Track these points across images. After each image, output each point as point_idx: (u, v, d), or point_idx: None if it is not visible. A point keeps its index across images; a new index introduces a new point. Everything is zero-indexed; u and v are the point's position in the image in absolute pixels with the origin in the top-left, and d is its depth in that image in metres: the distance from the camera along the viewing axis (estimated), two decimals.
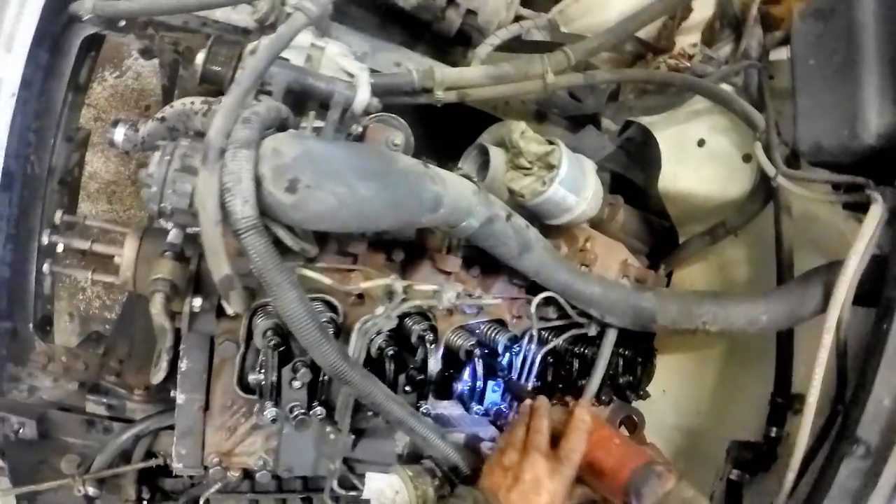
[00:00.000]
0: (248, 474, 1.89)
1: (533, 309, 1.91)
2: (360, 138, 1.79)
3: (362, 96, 1.69)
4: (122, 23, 2.06)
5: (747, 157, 2.18)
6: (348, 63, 1.79)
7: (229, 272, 1.38)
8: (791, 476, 1.73)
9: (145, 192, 1.47)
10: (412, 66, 2.06)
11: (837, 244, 2.03)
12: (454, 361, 1.89)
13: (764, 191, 2.11)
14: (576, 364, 2.08)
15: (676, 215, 2.40)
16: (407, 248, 1.85)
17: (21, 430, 2.01)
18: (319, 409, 1.71)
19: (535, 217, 1.91)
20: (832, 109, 1.72)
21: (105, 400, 2.11)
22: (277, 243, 1.44)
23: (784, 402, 2.05)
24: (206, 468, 1.83)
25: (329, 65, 1.76)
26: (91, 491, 2.03)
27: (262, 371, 1.65)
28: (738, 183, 2.20)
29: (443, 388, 1.92)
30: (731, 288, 2.33)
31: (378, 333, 1.73)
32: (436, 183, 1.58)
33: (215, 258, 1.36)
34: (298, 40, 1.67)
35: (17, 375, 2.12)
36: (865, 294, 1.76)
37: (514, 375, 1.93)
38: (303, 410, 1.68)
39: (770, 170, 1.92)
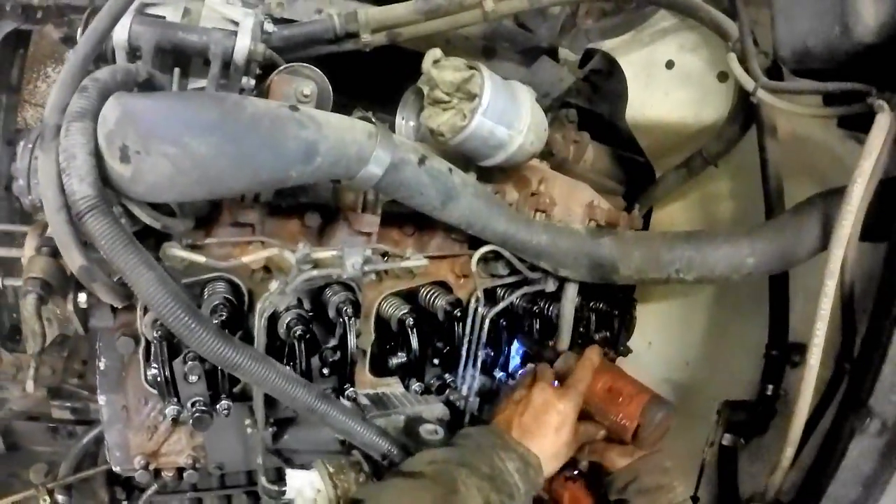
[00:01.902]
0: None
1: (473, 266, 1.44)
2: (264, 93, 1.39)
3: (241, 44, 1.27)
4: (39, 14, 1.70)
5: (723, 76, 1.65)
6: (232, 11, 1.34)
7: (84, 262, 1.09)
8: (790, 451, 1.26)
9: (15, 187, 1.22)
10: (334, 10, 1.63)
11: (833, 170, 1.52)
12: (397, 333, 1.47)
13: (744, 111, 1.60)
14: (536, 324, 1.62)
15: (649, 148, 1.87)
16: (323, 211, 1.43)
17: None
18: (225, 403, 1.32)
19: (470, 160, 1.47)
20: (817, 2, 1.22)
21: (69, 404, 1.92)
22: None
23: (780, 355, 1.57)
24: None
25: (211, 16, 1.33)
26: (60, 499, 1.79)
27: (156, 366, 1.26)
28: (714, 105, 1.67)
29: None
30: (715, 226, 1.85)
31: (286, 311, 1.33)
32: (305, 127, 1.11)
33: (66, 249, 1.08)
34: None
35: None
36: (873, 226, 1.27)
37: (462, 344, 1.51)
38: (203, 406, 1.31)
39: (748, 83, 1.42)
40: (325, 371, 1.34)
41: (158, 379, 1.28)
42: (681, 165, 1.77)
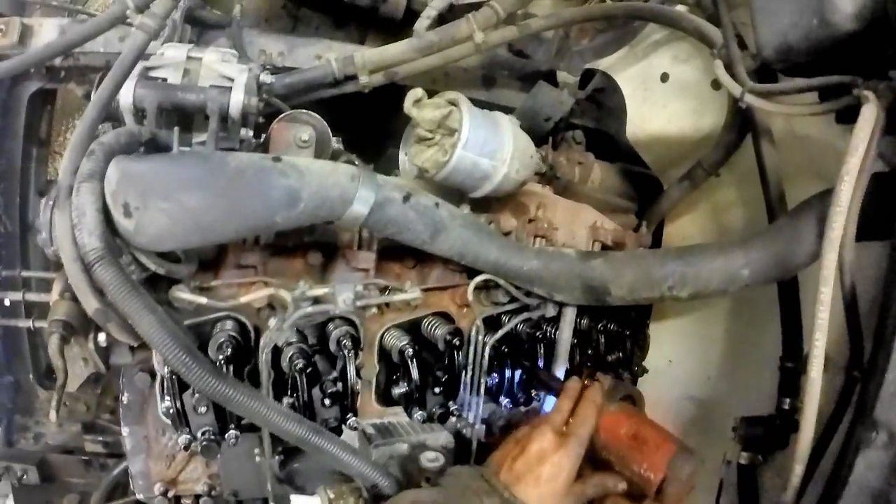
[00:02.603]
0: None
1: (469, 296, 1.39)
2: (265, 143, 1.43)
3: (235, 99, 1.29)
4: (62, 74, 1.81)
5: (717, 84, 1.54)
6: (227, 68, 1.38)
7: (98, 306, 1.14)
8: (799, 469, 1.17)
9: (39, 239, 1.28)
10: (333, 55, 1.67)
11: (836, 167, 1.44)
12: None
13: (738, 117, 1.51)
14: (541, 349, 1.53)
15: (652, 162, 1.78)
16: (325, 249, 1.44)
17: (24, 477, 1.88)
18: (233, 433, 1.34)
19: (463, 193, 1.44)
20: None
21: (101, 438, 1.97)
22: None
23: (795, 367, 1.46)
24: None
25: (208, 74, 1.36)
26: None
27: (169, 398, 1.32)
28: (711, 114, 1.58)
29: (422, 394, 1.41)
30: (728, 235, 1.75)
31: (289, 345, 1.34)
32: (287, 176, 1.15)
33: (83, 295, 1.15)
34: (173, 56, 1.36)
35: (25, 425, 1.97)
36: (872, 224, 1.19)
37: (463, 373, 1.48)
38: (212, 436, 1.34)
39: (734, 89, 1.34)
40: (326, 402, 1.34)
41: (171, 410, 1.33)
42: (683, 178, 1.69)
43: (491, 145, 1.31)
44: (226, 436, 1.33)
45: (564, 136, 1.89)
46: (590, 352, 1.61)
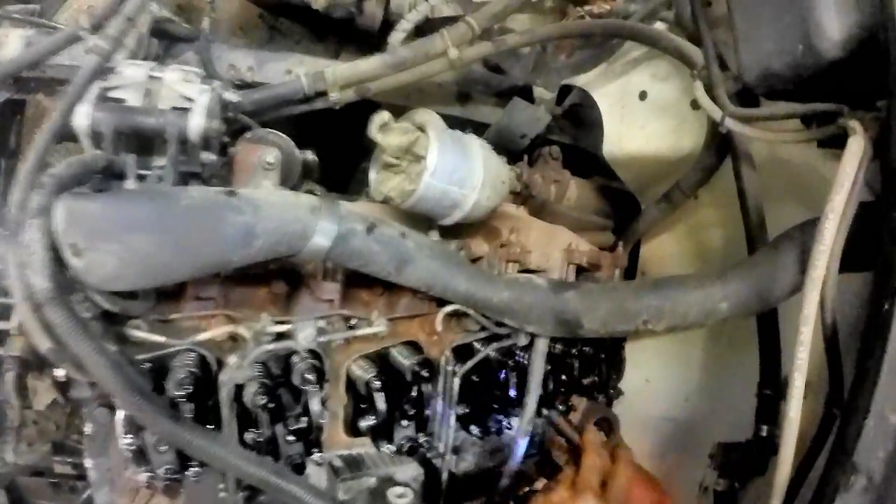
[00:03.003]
0: None
1: (438, 326, 1.30)
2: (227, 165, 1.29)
3: (194, 123, 1.16)
4: (32, 84, 1.66)
5: (697, 104, 1.45)
6: (189, 88, 1.24)
7: (51, 345, 1.04)
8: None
9: None
10: (303, 71, 1.53)
11: (819, 191, 1.31)
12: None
13: (718, 139, 1.39)
14: (514, 378, 1.41)
15: (630, 181, 1.67)
16: (290, 278, 1.32)
17: None
18: (193, 471, 1.23)
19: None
20: (778, 22, 1.04)
21: (70, 459, 1.74)
22: None
23: (773, 395, 1.36)
24: None
25: (169, 94, 1.22)
26: None
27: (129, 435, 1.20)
28: (690, 134, 1.46)
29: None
30: (706, 257, 1.64)
31: (251, 380, 1.22)
32: (242, 213, 1.03)
33: (34, 334, 1.04)
34: (133, 75, 1.22)
35: None
36: (856, 255, 1.07)
37: (434, 403, 1.36)
38: (172, 474, 1.22)
39: (715, 112, 1.23)
40: (290, 438, 1.23)
41: (131, 448, 1.21)
42: (661, 199, 1.57)
43: (460, 172, 1.18)
44: (186, 473, 1.23)
45: (541, 153, 1.76)
46: (563, 377, 1.49)
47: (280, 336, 1.20)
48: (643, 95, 1.53)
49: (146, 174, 1.23)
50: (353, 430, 1.35)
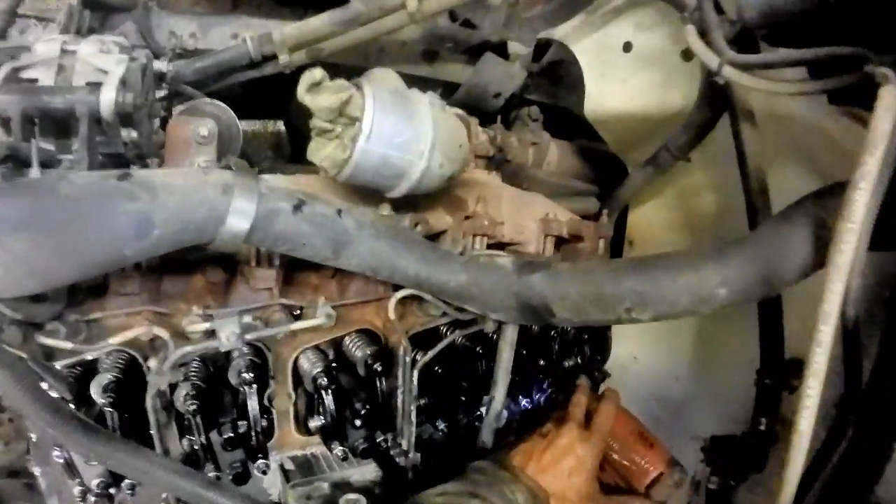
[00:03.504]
0: None
1: (391, 313, 1.06)
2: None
3: (105, 98, 0.95)
4: None
5: (688, 54, 1.17)
6: (105, 60, 1.02)
7: None
8: None
9: None
10: (251, 34, 1.28)
11: (828, 155, 1.06)
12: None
13: (713, 93, 1.12)
14: (483, 367, 1.18)
15: (614, 143, 1.40)
16: (228, 264, 1.09)
17: None
18: (129, 482, 1.03)
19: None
20: None
21: None
22: None
23: (774, 383, 1.12)
24: None
25: (84, 69, 1.02)
26: None
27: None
28: (679, 89, 1.20)
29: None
30: (700, 226, 1.38)
31: (184, 381, 1.01)
32: (135, 199, 0.79)
33: None
34: (45, 52, 1.01)
35: None
36: (881, 232, 0.82)
37: (395, 397, 1.14)
38: (104, 487, 1.02)
39: (710, 60, 0.96)
40: (228, 447, 1.03)
41: (59, 460, 1.01)
42: (647, 162, 1.31)
43: (403, 136, 0.93)
44: (121, 485, 1.03)
45: (518, 114, 1.50)
46: (542, 361, 1.26)
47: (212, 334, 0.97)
48: (627, 47, 1.26)
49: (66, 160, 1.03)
50: (307, 427, 1.14)
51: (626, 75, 1.26)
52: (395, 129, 0.93)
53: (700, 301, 0.91)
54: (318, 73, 0.96)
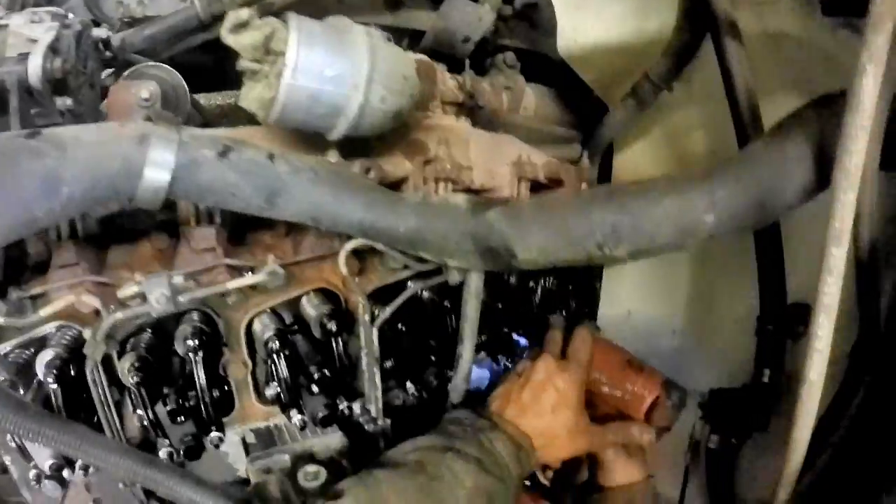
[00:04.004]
0: None
1: (342, 269, 0.92)
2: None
3: (32, 65, 0.89)
4: None
5: None
6: (35, 30, 0.95)
7: None
8: (793, 468, 0.71)
9: None
10: None
11: (826, 75, 0.90)
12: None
13: (693, 13, 0.98)
14: (452, 323, 1.05)
15: (593, 81, 1.24)
16: (173, 228, 0.99)
17: None
18: (80, 463, 0.93)
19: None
20: None
21: None
22: None
23: (777, 330, 0.97)
24: None
25: (16, 42, 0.94)
26: None
27: None
28: (657, 13, 1.04)
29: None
30: (691, 165, 1.23)
31: (131, 351, 0.91)
32: (42, 156, 0.70)
33: None
34: None
35: None
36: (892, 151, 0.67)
37: (359, 359, 1.02)
38: (56, 469, 0.93)
39: None
40: (180, 419, 0.93)
41: (13, 444, 0.94)
42: (627, 96, 1.16)
43: (336, 68, 0.80)
44: (74, 466, 0.94)
45: (494, 61, 1.36)
46: (524, 313, 1.13)
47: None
48: None
49: None
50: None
51: (600, 5, 1.11)
52: (325, 61, 0.80)
53: (683, 231, 0.77)
54: (244, 13, 0.83)
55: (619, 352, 1.11)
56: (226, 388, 0.98)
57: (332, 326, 0.92)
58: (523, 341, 1.20)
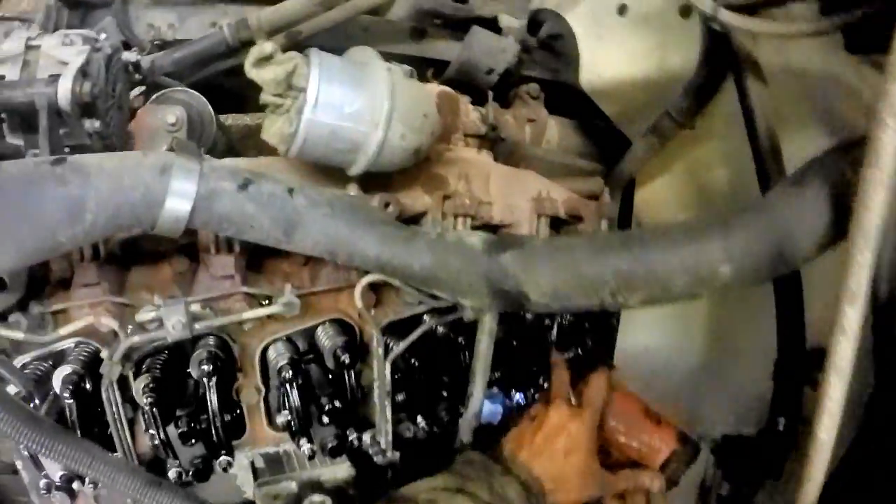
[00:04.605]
0: None
1: (358, 302, 0.93)
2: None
3: (62, 88, 0.89)
4: None
5: (686, 10, 1.00)
6: (66, 52, 0.97)
7: None
8: None
9: None
10: (227, 21, 1.21)
11: (851, 112, 0.88)
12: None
13: (715, 50, 0.97)
14: (465, 359, 1.03)
15: (614, 115, 1.23)
16: (189, 252, 1.00)
17: None
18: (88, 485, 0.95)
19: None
20: None
21: None
22: None
23: (794, 377, 0.94)
24: None
25: (47, 63, 0.96)
26: None
27: None
28: (679, 49, 1.03)
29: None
30: (712, 202, 1.20)
31: (145, 373, 0.93)
32: (67, 183, 0.73)
33: None
34: (10, 49, 0.97)
35: None
36: None
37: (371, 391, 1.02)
38: (66, 481, 0.94)
39: (705, 4, 0.81)
40: (193, 441, 0.94)
41: (24, 452, 0.95)
42: (648, 131, 1.15)
43: (355, 105, 0.81)
44: (85, 480, 0.96)
45: (518, 92, 1.36)
46: (537, 353, 1.12)
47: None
48: (622, 10, 1.10)
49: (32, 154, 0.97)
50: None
51: (623, 39, 1.10)
52: (345, 97, 0.81)
53: (699, 281, 0.75)
54: (268, 46, 0.84)
55: (637, 401, 1.09)
56: (237, 411, 0.99)
57: (346, 359, 0.92)
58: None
